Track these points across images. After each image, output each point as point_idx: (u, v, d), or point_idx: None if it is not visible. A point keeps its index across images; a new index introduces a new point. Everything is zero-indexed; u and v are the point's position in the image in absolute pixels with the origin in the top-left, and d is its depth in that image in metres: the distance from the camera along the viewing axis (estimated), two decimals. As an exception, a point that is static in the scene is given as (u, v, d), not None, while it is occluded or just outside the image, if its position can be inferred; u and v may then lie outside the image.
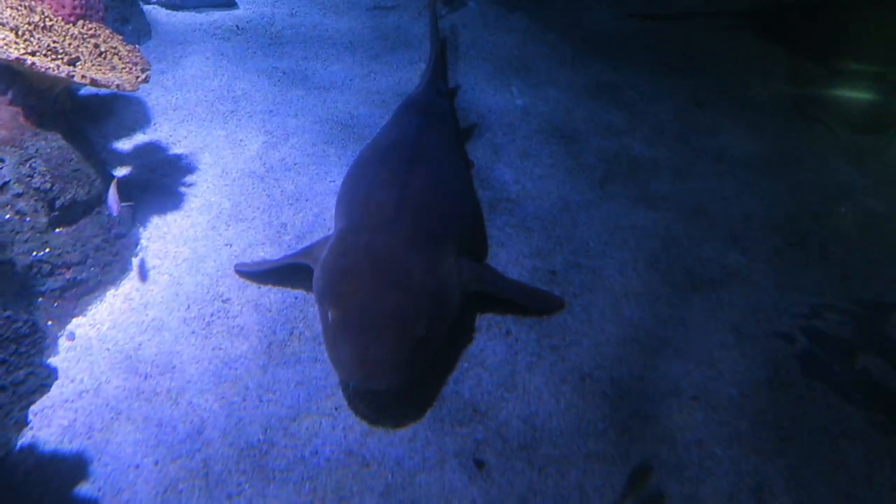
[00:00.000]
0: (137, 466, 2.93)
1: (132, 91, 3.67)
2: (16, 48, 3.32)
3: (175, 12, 6.73)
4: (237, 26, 6.70)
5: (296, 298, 3.79)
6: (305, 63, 6.23)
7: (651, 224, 4.42)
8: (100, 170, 3.98)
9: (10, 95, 3.64)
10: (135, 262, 3.88)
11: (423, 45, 6.60)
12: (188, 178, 4.62)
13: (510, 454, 3.07)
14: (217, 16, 6.83)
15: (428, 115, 4.35)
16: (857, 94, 5.96)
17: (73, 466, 2.89)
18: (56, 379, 2.52)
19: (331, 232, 3.98)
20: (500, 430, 3.17)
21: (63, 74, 3.38)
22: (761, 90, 6.18)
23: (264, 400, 3.25)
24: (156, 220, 4.26)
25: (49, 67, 3.35)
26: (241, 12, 7.05)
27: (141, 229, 4.17)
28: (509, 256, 4.10)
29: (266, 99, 5.51)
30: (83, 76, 3.44)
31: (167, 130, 5.07)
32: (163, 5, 6.77)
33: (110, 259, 3.85)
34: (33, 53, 3.39)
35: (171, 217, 4.28)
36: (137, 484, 2.86)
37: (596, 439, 3.11)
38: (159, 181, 4.57)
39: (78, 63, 3.62)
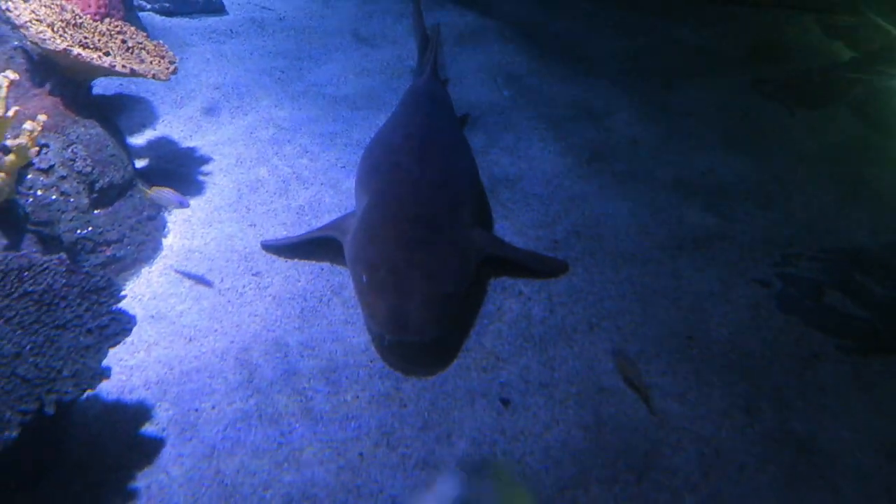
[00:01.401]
0: (196, 410, 3.20)
1: (165, 80, 3.95)
2: (61, 40, 3.59)
3: (169, 18, 6.98)
4: (230, 30, 6.98)
5: (322, 269, 4.09)
6: (300, 63, 6.55)
7: (638, 195, 4.86)
8: (130, 156, 4.24)
9: (48, 87, 3.89)
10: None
11: (407, 43, 6.97)
12: (205, 168, 4.89)
13: (532, 392, 3.42)
14: (210, 21, 7.10)
15: (435, 101, 4.74)
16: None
17: (136, 412, 3.16)
18: (135, 324, 2.79)
19: (350, 209, 4.31)
20: (521, 373, 3.52)
21: (105, 64, 3.66)
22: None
23: (304, 355, 3.55)
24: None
25: (93, 58, 3.62)
26: (231, 17, 7.34)
27: (166, 214, 4.42)
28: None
29: (269, 94, 5.81)
30: (123, 66, 3.71)
31: (178, 126, 5.33)
32: (157, 11, 7.01)
33: (143, 238, 4.11)
34: (74, 46, 3.66)
35: (193, 202, 4.54)
36: (199, 424, 3.14)
37: (607, 376, 3.49)
38: (177, 171, 4.83)
39: (110, 56, 3.89)
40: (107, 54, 3.90)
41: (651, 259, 4.27)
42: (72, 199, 3.72)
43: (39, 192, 3.60)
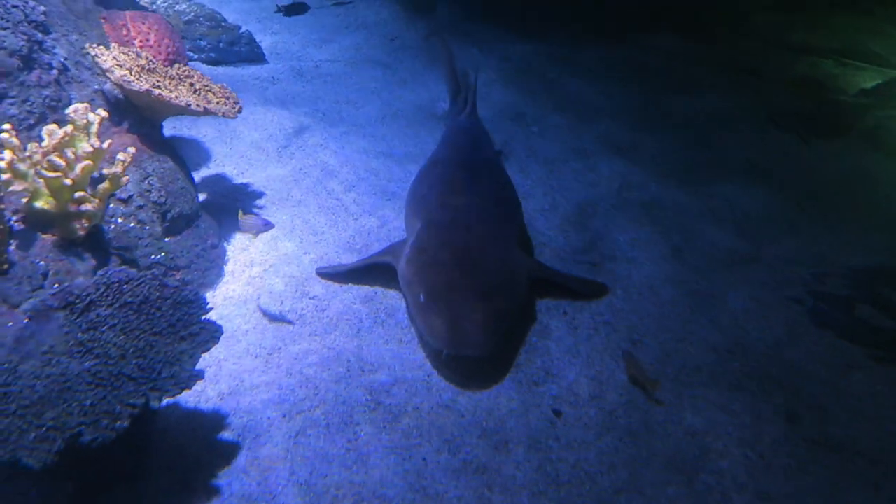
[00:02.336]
0: (268, 418, 3.41)
1: (233, 117, 4.29)
2: (143, 82, 3.94)
3: (215, 67, 7.42)
4: (272, 77, 7.40)
5: (375, 293, 4.34)
6: (339, 105, 6.92)
7: (668, 221, 5.12)
8: (196, 189, 4.55)
9: (126, 125, 4.23)
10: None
11: (438, 86, 7.34)
12: (258, 202, 5.20)
13: (583, 404, 3.62)
14: (252, 69, 7.54)
15: (476, 135, 5.06)
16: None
17: (213, 420, 3.37)
18: (222, 334, 3.03)
19: (397, 238, 4.58)
20: (571, 387, 3.72)
21: (182, 103, 4.00)
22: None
23: (365, 370, 3.76)
24: (238, 236, 4.80)
25: (171, 97, 3.96)
26: (271, 66, 7.78)
27: (225, 244, 4.70)
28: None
29: (314, 135, 6.15)
30: (197, 104, 4.05)
31: (229, 165, 5.66)
32: (204, 61, 7.46)
33: (208, 265, 4.38)
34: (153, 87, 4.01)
35: (246, 231, 4.82)
36: (271, 431, 3.34)
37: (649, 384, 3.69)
38: (232, 205, 5.12)
39: (185, 96, 4.23)
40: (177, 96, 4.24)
41: (686, 280, 4.49)
42: (147, 227, 4.01)
43: (120, 220, 3.90)
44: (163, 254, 4.07)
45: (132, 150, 3.55)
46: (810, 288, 4.29)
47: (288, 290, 4.33)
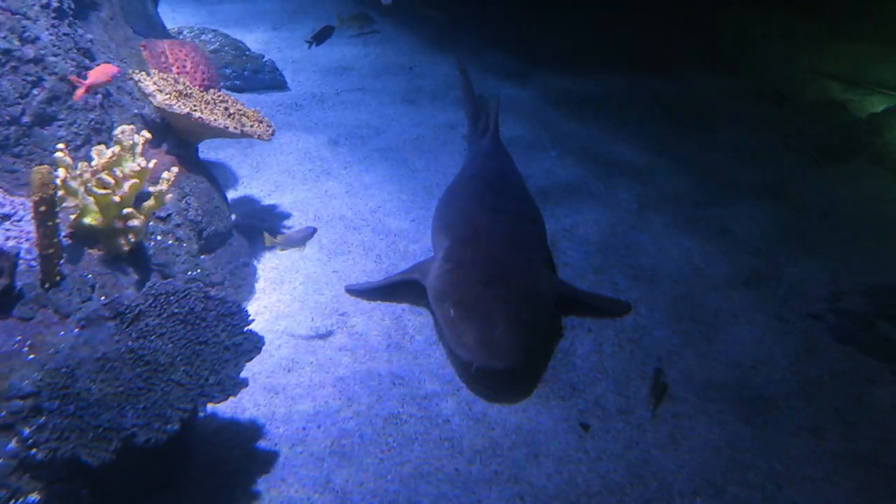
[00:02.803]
0: (304, 428, 3.50)
1: (268, 140, 4.45)
2: (185, 105, 4.11)
3: (240, 94, 7.63)
4: (295, 103, 7.61)
5: (403, 310, 4.44)
6: (360, 130, 7.09)
7: (687, 241, 5.23)
8: (230, 209, 4.70)
9: (164, 147, 4.39)
10: None
11: (457, 111, 7.52)
12: (286, 223, 5.34)
13: (610, 418, 3.69)
14: (275, 96, 7.75)
15: (500, 158, 5.21)
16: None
17: (250, 429, 3.46)
18: (264, 344, 3.14)
19: (422, 257, 4.70)
20: (598, 401, 3.79)
21: (220, 125, 4.16)
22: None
23: (396, 384, 3.85)
24: (267, 255, 4.93)
25: (210, 119, 4.13)
26: (293, 92, 7.99)
27: (255, 262, 4.83)
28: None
29: (337, 158, 6.32)
30: (235, 127, 4.22)
31: (257, 187, 5.82)
32: (228, 88, 7.68)
33: (241, 282, 4.51)
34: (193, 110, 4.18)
35: (278, 252, 4.95)
36: (307, 440, 3.43)
37: (675, 402, 3.76)
38: (261, 226, 5.26)
39: (223, 119, 4.39)
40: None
41: (707, 298, 4.58)
42: (184, 245, 4.15)
43: (159, 237, 4.04)
44: (199, 270, 4.20)
45: (175, 169, 3.71)
46: (830, 305, 4.38)
47: (318, 307, 4.44)
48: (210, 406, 3.00)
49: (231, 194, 5.67)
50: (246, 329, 3.15)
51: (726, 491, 3.26)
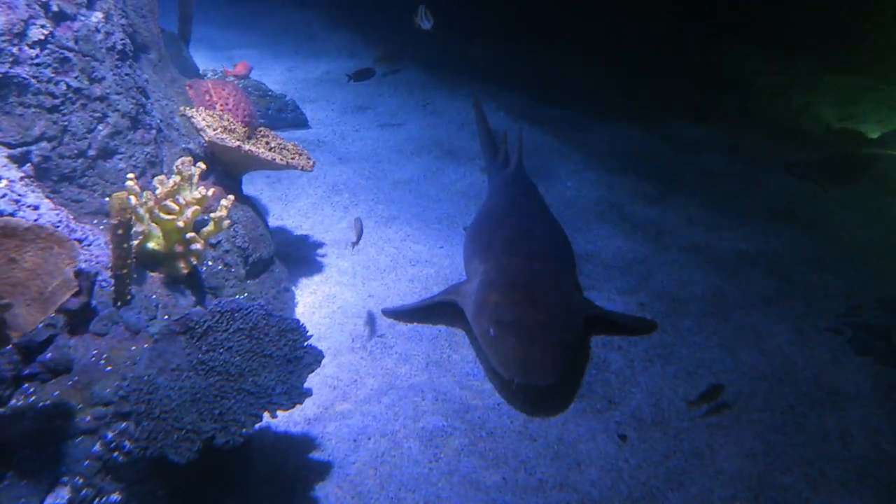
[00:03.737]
0: (354, 440, 3.65)
1: (309, 171, 4.70)
2: (234, 139, 4.37)
3: (264, 131, 7.91)
4: (318, 140, 7.90)
5: (439, 331, 4.63)
6: (381, 165, 7.37)
7: (705, 263, 5.45)
8: (272, 237, 4.92)
9: (212, 178, 4.63)
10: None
11: (472, 145, 7.81)
12: (319, 251, 5.56)
13: (647, 428, 3.85)
14: (299, 133, 8.06)
15: (526, 186, 5.48)
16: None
17: (303, 441, 3.62)
18: (324, 358, 3.32)
19: (452, 281, 4.93)
20: (633, 414, 3.96)
21: (268, 157, 4.41)
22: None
23: (438, 399, 4.01)
24: (304, 281, 5.13)
25: (259, 152, 4.38)
26: (315, 131, 8.30)
27: (293, 287, 5.03)
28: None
29: (363, 190, 6.57)
30: (281, 159, 4.47)
31: (287, 218, 6.05)
32: (254, 126, 7.97)
33: (282, 306, 4.69)
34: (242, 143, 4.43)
35: (315, 278, 5.17)
36: (358, 451, 3.58)
37: (712, 412, 3.92)
38: (296, 254, 5.48)
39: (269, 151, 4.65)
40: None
41: (730, 316, 4.78)
42: (233, 270, 4.36)
43: (210, 263, 4.24)
44: (245, 294, 4.40)
45: (231, 197, 3.94)
46: (847, 319, 4.59)
47: (357, 329, 4.62)
48: (265, 418, 3.17)
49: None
50: (306, 344, 3.33)
51: (764, 495, 3.41)
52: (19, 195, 3.35)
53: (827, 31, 10.24)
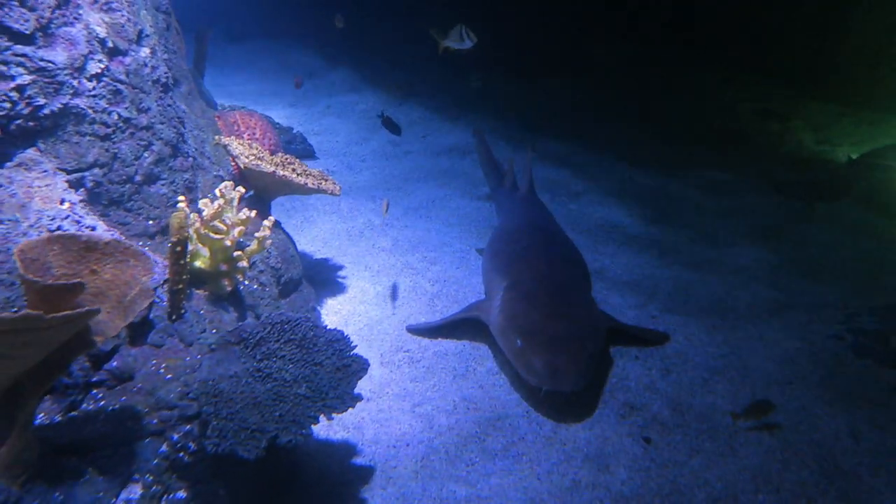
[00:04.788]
0: (394, 447, 3.83)
1: (337, 195, 4.93)
2: (269, 165, 4.61)
3: (275, 162, 8.16)
4: (326, 170, 8.08)
5: (463, 346, 4.83)
6: (390, 192, 7.63)
7: (709, 278, 5.73)
8: (300, 259, 5.13)
9: (243, 203, 4.85)
10: None
11: (475, 172, 8.10)
12: (340, 273, 5.77)
13: (669, 431, 4.05)
14: (307, 164, 8.29)
15: (540, 207, 5.76)
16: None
17: (345, 448, 3.79)
18: (369, 366, 3.51)
19: (471, 299, 5.16)
20: (655, 418, 4.17)
21: (301, 182, 4.65)
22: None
23: (469, 408, 4.21)
24: (329, 302, 5.33)
25: (293, 177, 4.62)
26: (323, 161, 8.58)
27: (319, 308, 5.22)
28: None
29: (376, 217, 6.81)
30: (312, 184, 4.70)
31: (306, 243, 6.26)
32: (264, 157, 8.21)
33: (312, 325, 4.87)
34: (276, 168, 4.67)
35: (339, 298, 5.37)
36: (398, 457, 3.75)
37: (725, 413, 4.15)
38: (317, 277, 5.68)
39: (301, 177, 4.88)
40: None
41: (737, 326, 5.04)
42: (267, 289, 4.55)
43: (246, 282, 4.43)
44: (279, 312, 4.57)
45: (272, 218, 4.16)
46: (846, 326, 4.89)
47: (383, 345, 4.82)
48: (322, 420, 3.35)
49: (283, 251, 6.08)
50: (352, 353, 3.54)
51: (784, 487, 3.62)
52: (80, 217, 3.55)
53: (800, 60, 10.91)
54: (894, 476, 3.66)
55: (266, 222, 4.08)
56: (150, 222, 4.17)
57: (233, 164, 5.14)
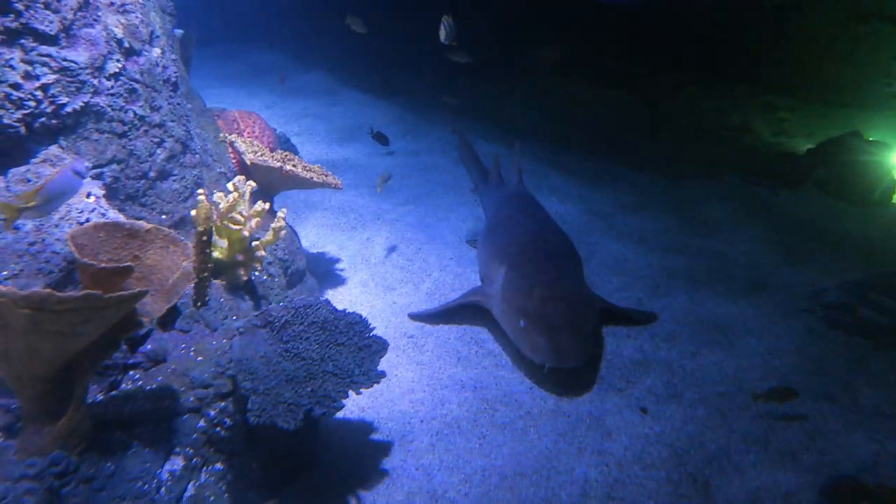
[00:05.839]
0: (409, 423, 4.04)
1: (340, 189, 5.12)
2: (275, 160, 4.78)
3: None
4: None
5: (464, 330, 5.06)
6: (376, 189, 7.82)
7: (689, 262, 6.08)
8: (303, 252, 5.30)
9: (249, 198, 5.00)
10: None
11: (454, 167, 8.36)
12: (337, 266, 5.95)
13: (664, 401, 4.35)
14: (293, 163, 8.41)
15: (530, 198, 6.04)
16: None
17: (362, 426, 3.99)
18: (389, 345, 3.72)
19: (467, 287, 5.40)
20: (650, 390, 4.46)
21: (307, 176, 4.83)
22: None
23: (477, 387, 4.44)
24: (330, 293, 5.51)
25: (298, 172, 4.80)
26: (307, 160, 8.68)
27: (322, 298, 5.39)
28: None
29: (368, 211, 7.00)
30: (318, 178, 4.89)
31: (304, 239, 6.38)
32: (250, 158, 8.32)
33: (317, 315, 5.05)
34: (283, 164, 4.85)
35: (340, 289, 5.55)
36: (414, 433, 3.97)
37: (720, 385, 4.47)
38: (316, 269, 5.84)
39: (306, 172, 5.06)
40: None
41: (720, 304, 5.38)
42: (276, 280, 4.72)
43: (257, 273, 4.60)
44: (287, 301, 4.75)
45: (284, 210, 4.33)
46: (817, 301, 5.29)
47: (388, 332, 5.01)
48: (351, 395, 3.54)
49: (279, 247, 6.24)
50: (371, 334, 3.73)
51: (771, 445, 3.94)
52: (104, 210, 3.68)
53: (753, 59, 11.51)
54: (870, 432, 4.01)
55: (280, 213, 4.25)
56: (164, 216, 4.30)
57: (233, 160, 5.28)
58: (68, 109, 3.67)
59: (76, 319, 2.48)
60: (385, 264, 5.95)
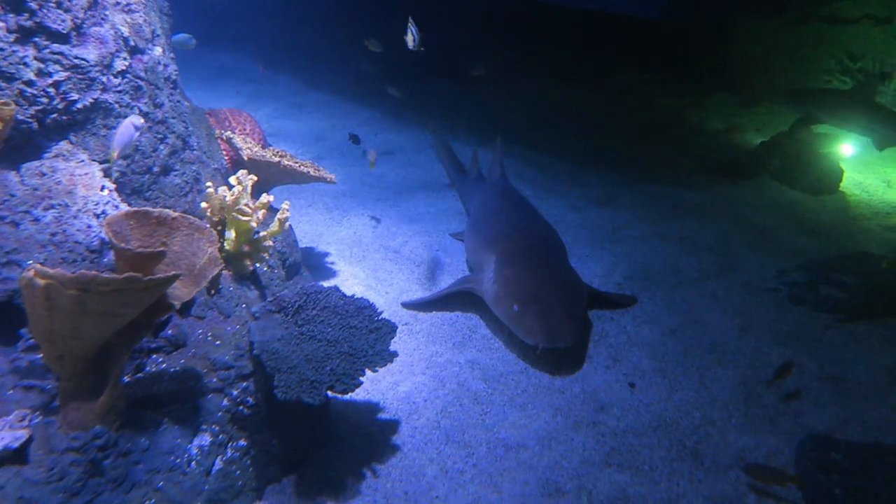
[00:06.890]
0: (414, 402, 4.24)
1: (334, 183, 5.29)
2: (272, 156, 4.92)
3: (240, 162, 8.35)
4: (292, 169, 8.40)
5: (457, 316, 5.28)
6: (356, 186, 7.99)
7: (658, 248, 6.43)
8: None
9: (244, 193, 5.13)
10: None
11: (429, 164, 8.58)
12: (327, 259, 6.10)
13: (650, 377, 4.64)
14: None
15: (514, 190, 6.30)
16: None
17: (369, 406, 4.18)
18: (397, 328, 3.91)
19: (456, 276, 5.63)
20: (636, 366, 4.75)
21: (304, 170, 4.98)
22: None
23: (475, 368, 4.66)
24: (323, 284, 5.65)
25: (295, 166, 4.95)
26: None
27: (315, 292, 5.54)
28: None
29: (354, 205, 7.16)
30: (313, 172, 5.05)
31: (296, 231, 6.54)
32: (229, 158, 8.39)
33: (314, 306, 5.20)
34: (280, 158, 4.99)
35: (332, 281, 5.70)
36: (419, 409, 4.17)
37: (700, 358, 4.79)
38: (308, 261, 5.99)
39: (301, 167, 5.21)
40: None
41: (692, 288, 5.72)
42: (275, 271, 4.86)
43: (257, 264, 4.74)
44: (286, 291, 4.89)
45: (287, 202, 4.48)
46: (781, 280, 5.68)
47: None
48: (367, 373, 3.72)
49: (267, 243, 6.35)
50: (380, 318, 3.92)
51: (750, 411, 4.27)
52: (117, 203, 3.79)
53: (707, 60, 12.15)
54: (837, 396, 4.38)
55: (284, 205, 4.40)
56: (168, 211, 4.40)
57: (226, 157, 5.40)
58: (78, 106, 3.77)
59: (118, 300, 2.61)
60: (374, 256, 6.13)
